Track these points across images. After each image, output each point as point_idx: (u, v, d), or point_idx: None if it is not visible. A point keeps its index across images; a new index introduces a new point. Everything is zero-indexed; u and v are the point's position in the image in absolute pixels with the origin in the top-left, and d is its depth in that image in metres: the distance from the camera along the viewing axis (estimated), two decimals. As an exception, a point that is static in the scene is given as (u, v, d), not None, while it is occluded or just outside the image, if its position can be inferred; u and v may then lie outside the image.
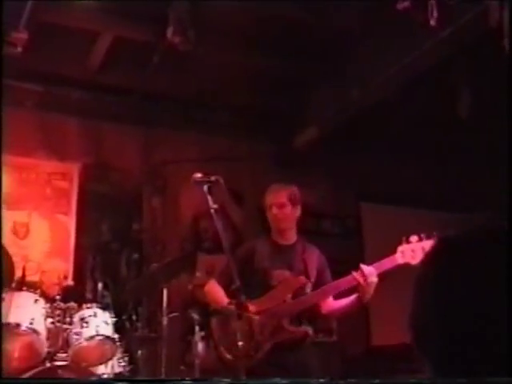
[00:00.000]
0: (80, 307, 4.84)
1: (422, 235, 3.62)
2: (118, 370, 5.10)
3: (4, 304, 4.65)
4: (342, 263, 7.35)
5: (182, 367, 5.65)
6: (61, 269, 5.47)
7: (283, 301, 3.81)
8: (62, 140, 6.54)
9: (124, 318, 5.16)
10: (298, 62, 6.24)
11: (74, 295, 5.07)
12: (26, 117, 6.31)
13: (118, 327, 4.84)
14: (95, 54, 6.17)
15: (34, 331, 4.64)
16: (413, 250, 3.63)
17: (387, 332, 6.36)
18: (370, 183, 7.41)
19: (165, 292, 4.99)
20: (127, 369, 5.18)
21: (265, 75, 6.48)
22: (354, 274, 3.68)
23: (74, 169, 6.59)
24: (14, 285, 4.84)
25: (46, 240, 6.34)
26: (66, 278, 5.50)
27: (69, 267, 6.09)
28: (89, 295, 5.15)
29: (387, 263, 3.71)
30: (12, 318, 4.59)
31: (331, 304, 3.92)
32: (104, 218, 6.58)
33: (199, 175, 3.62)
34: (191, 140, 6.78)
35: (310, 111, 6.77)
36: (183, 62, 6.14)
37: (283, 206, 3.94)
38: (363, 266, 3.67)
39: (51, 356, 4.69)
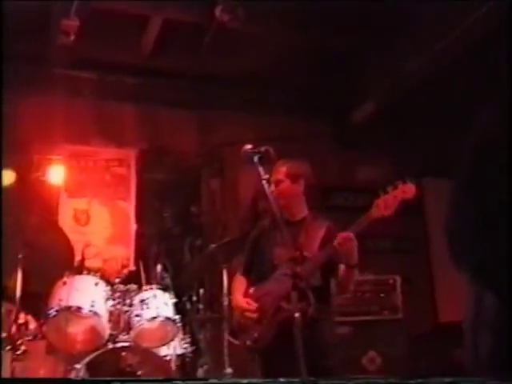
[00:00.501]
0: (140, 289, 4.85)
1: (398, 182, 3.51)
2: (180, 351, 5.11)
3: (65, 287, 4.70)
4: (406, 240, 7.25)
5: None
6: (122, 254, 5.48)
7: (282, 280, 3.66)
8: (119, 126, 6.56)
9: (185, 299, 5.13)
10: (351, 38, 6.10)
11: (134, 278, 5.07)
12: (83, 105, 6.35)
13: (178, 309, 4.82)
14: (147, 39, 6.15)
15: (96, 314, 4.67)
16: (385, 201, 3.50)
17: (454, 308, 6.17)
18: (432, 158, 7.19)
19: (225, 272, 4.94)
20: (189, 350, 5.17)
21: (318, 53, 6.35)
22: (335, 242, 3.55)
23: (131, 155, 6.63)
24: (74, 269, 4.88)
25: (106, 226, 6.39)
26: (127, 263, 5.49)
27: (130, 253, 6.11)
28: (148, 277, 5.14)
29: (363, 221, 3.56)
30: (73, 301, 4.63)
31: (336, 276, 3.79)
32: (163, 202, 6.60)
33: (249, 146, 3.57)
34: (247, 121, 6.71)
35: (366, 87, 6.61)
36: (237, 42, 6.07)
37: (280, 182, 3.86)
38: (339, 234, 3.56)
39: (113, 338, 4.71)
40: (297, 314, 3.21)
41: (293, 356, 3.49)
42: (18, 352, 4.70)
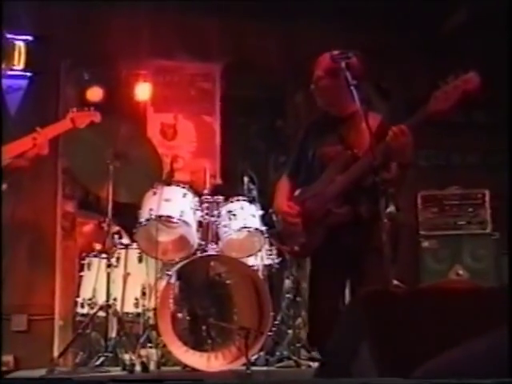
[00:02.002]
0: (227, 201, 4.87)
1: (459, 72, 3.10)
2: (267, 261, 5.15)
3: (155, 198, 4.76)
4: (495, 155, 6.98)
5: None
6: (208, 168, 5.49)
7: (331, 181, 3.41)
8: (204, 41, 6.46)
9: (271, 211, 5.12)
10: None
11: (220, 191, 5.08)
12: (167, 20, 6.30)
13: (265, 221, 4.81)
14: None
15: (185, 223, 4.74)
16: (445, 92, 3.11)
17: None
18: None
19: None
20: (276, 261, 5.20)
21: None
22: (387, 137, 3.16)
23: (216, 69, 6.55)
24: (163, 180, 4.93)
25: (192, 140, 6.42)
26: (213, 176, 5.51)
27: (216, 166, 6.13)
28: (235, 190, 5.14)
29: (420, 115, 3.19)
30: (163, 210, 4.70)
31: (385, 176, 3.26)
32: (248, 116, 6.55)
33: (336, 52, 3.38)
34: (333, 33, 6.46)
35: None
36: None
37: (319, 79, 3.51)
38: (393, 127, 3.16)
39: (202, 248, 4.78)
40: (385, 220, 3.02)
41: (341, 261, 3.37)
42: (112, 260, 4.85)
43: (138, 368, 4.47)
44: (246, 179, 5.12)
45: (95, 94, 6.09)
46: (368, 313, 2.42)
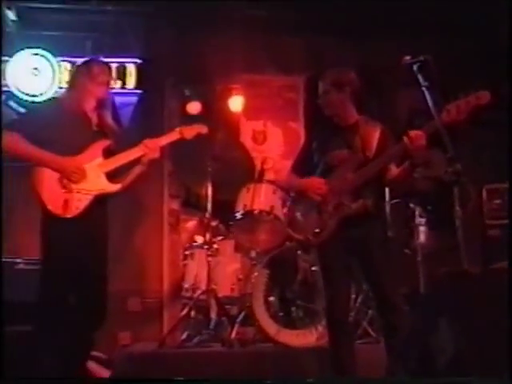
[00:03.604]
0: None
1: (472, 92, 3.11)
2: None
3: (248, 194, 4.76)
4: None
5: (407, 251, 5.38)
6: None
7: (344, 179, 3.42)
8: (288, 57, 6.41)
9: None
10: None
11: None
12: (256, 40, 6.28)
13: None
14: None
15: (275, 217, 4.72)
16: (457, 106, 3.12)
17: None
18: None
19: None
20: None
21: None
22: (404, 138, 3.21)
23: (300, 81, 6.48)
24: (255, 179, 4.92)
25: (280, 144, 6.42)
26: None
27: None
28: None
29: (434, 124, 3.18)
30: (255, 205, 4.70)
31: (392, 173, 3.44)
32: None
33: (408, 57, 3.33)
34: (404, 45, 6.25)
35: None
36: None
37: (327, 92, 3.51)
38: (411, 132, 3.21)
39: (290, 238, 4.72)
40: (457, 208, 2.99)
41: (346, 252, 3.40)
42: (212, 250, 4.88)
43: (235, 345, 4.49)
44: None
45: (195, 107, 6.14)
46: (447, 290, 2.32)
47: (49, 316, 3.27)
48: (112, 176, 3.51)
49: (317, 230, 3.43)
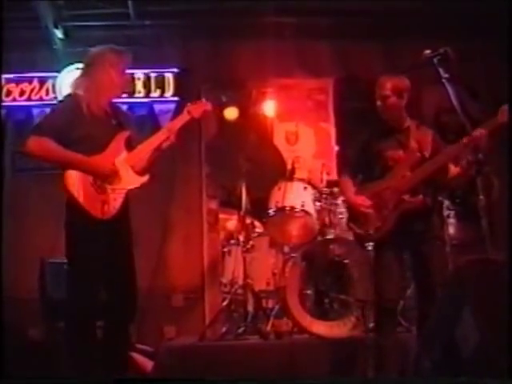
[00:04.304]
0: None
1: None
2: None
3: (280, 192, 4.68)
4: None
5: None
6: (325, 166, 5.35)
7: (402, 177, 3.45)
8: (317, 60, 6.37)
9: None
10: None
11: (336, 184, 4.90)
12: (286, 45, 6.26)
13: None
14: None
15: (306, 212, 4.65)
16: None
17: None
18: None
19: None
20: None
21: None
22: (465, 138, 3.21)
23: (329, 83, 6.44)
24: (286, 177, 4.85)
25: (311, 144, 6.36)
26: (329, 173, 5.34)
27: (332, 165, 5.98)
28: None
29: (493, 122, 3.23)
30: (287, 202, 4.63)
31: (453, 171, 3.44)
32: (358, 125, 6.33)
33: (428, 51, 3.30)
34: (425, 47, 6.09)
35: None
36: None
37: (387, 97, 3.48)
38: (474, 131, 3.20)
39: (322, 232, 4.65)
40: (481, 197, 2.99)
41: (402, 245, 3.42)
42: (247, 246, 4.82)
43: (272, 336, 4.42)
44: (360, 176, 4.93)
45: (231, 112, 6.09)
46: (470, 279, 2.21)
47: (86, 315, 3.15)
48: (136, 167, 3.31)
49: (378, 225, 3.47)
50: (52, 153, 3.12)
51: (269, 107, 6.11)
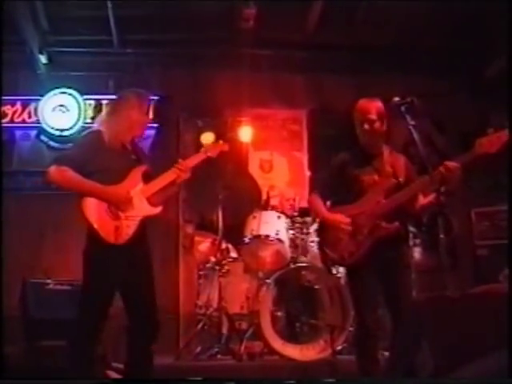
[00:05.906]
0: (314, 221, 4.93)
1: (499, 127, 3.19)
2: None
3: (255, 220, 4.90)
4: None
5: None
6: (299, 194, 5.59)
7: (377, 202, 3.42)
8: (291, 92, 6.63)
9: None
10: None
11: (308, 213, 5.13)
12: (262, 77, 6.49)
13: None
14: (311, 18, 6.11)
15: (280, 240, 4.86)
16: (489, 140, 3.18)
17: None
18: None
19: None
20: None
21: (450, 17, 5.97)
22: (440, 168, 3.21)
23: (303, 114, 6.69)
24: (261, 206, 5.06)
25: (285, 173, 6.55)
26: (303, 201, 5.56)
27: (305, 193, 6.17)
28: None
29: (467, 156, 3.24)
30: (262, 230, 4.84)
31: (421, 201, 3.45)
32: (330, 152, 6.58)
33: (397, 98, 3.42)
34: (396, 81, 6.42)
35: (497, 43, 6.07)
36: (383, 14, 5.90)
37: (373, 122, 3.49)
38: (446, 162, 3.22)
39: (294, 260, 4.87)
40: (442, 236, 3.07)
41: (378, 272, 3.37)
42: (223, 271, 5.02)
43: (244, 357, 4.61)
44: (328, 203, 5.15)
45: (207, 138, 6.28)
46: (428, 314, 2.46)
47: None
48: (151, 199, 3.47)
49: (352, 250, 3.43)
50: (71, 181, 3.29)
51: (244, 135, 6.22)
